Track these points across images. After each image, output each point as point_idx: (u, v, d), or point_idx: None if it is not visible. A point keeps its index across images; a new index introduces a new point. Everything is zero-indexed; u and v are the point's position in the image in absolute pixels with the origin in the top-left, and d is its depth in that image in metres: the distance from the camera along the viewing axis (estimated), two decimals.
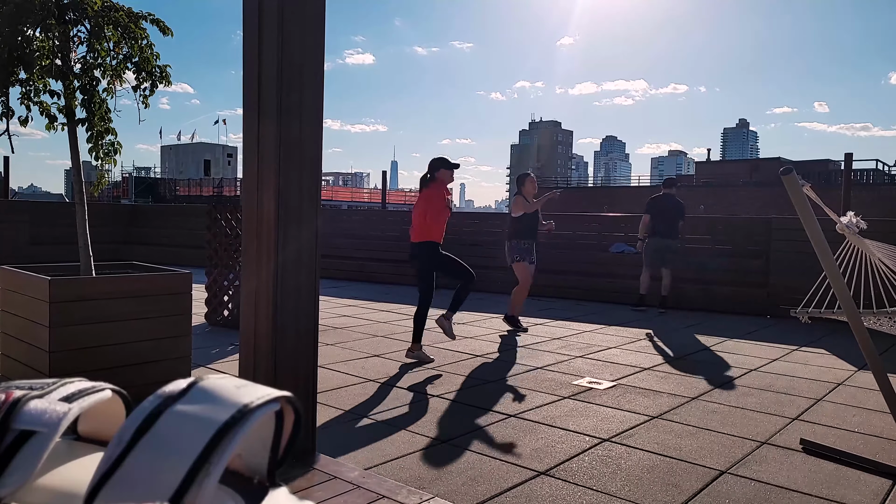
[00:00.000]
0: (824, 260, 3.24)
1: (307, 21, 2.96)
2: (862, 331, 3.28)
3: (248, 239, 3.03)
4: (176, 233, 13.54)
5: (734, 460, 3.24)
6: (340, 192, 51.77)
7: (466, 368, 5.08)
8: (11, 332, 3.89)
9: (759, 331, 7.15)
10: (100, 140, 4.18)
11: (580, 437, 3.53)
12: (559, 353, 5.74)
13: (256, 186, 2.96)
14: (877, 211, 11.06)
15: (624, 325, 7.33)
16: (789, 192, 3.22)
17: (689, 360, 5.56)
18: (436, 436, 3.51)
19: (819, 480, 3.01)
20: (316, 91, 3.02)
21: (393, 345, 5.90)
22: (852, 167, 11.88)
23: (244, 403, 0.32)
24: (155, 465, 0.30)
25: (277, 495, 0.36)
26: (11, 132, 4.14)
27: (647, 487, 2.90)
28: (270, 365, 2.95)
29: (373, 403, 4.10)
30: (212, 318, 6.69)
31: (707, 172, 47.87)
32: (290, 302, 2.98)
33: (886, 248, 3.66)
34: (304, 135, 2.98)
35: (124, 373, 3.57)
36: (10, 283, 3.91)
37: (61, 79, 4.04)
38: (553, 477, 2.99)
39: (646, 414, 3.99)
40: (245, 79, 2.99)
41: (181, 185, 47.63)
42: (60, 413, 0.34)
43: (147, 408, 0.32)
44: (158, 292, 3.86)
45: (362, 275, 11.50)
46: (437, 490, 2.78)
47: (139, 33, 4.11)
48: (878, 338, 3.67)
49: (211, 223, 6.80)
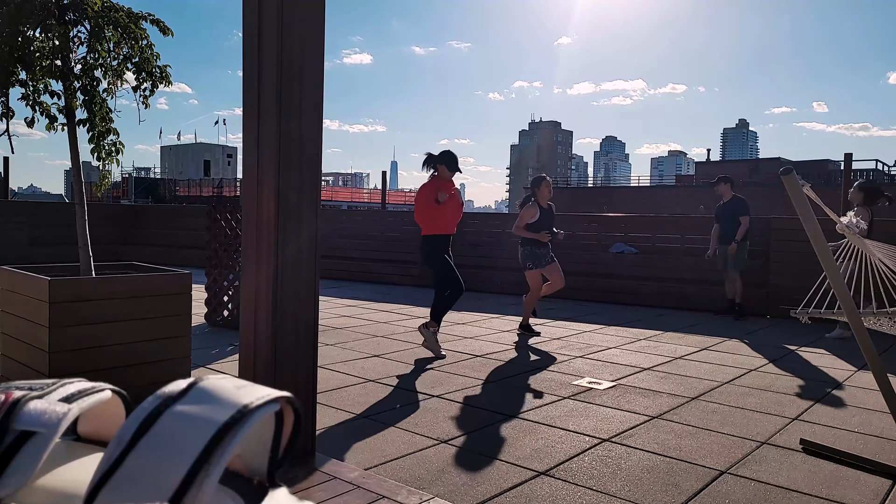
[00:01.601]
0: (824, 260, 3.24)
1: (307, 21, 2.96)
2: (862, 331, 3.28)
3: (247, 239, 3.03)
4: (176, 233, 13.55)
5: (734, 460, 3.24)
6: (340, 192, 51.80)
7: (466, 369, 5.08)
8: (11, 332, 3.89)
9: (759, 331, 7.15)
10: (101, 140, 4.18)
11: (580, 438, 3.53)
12: (559, 354, 5.74)
13: (256, 187, 2.96)
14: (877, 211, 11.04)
15: (624, 326, 7.33)
16: (789, 192, 3.22)
17: (689, 361, 5.56)
18: (436, 436, 3.51)
19: (819, 480, 3.01)
20: (316, 91, 3.02)
21: (393, 345, 5.90)
22: (852, 167, 11.88)
23: (244, 404, 0.32)
24: (155, 466, 0.30)
25: (277, 496, 0.36)
26: (11, 132, 4.14)
27: (647, 487, 2.90)
28: (270, 365, 2.95)
29: (373, 404, 4.10)
30: (211, 319, 6.69)
31: (707, 173, 47.88)
32: (289, 302, 2.98)
33: (886, 249, 3.66)
34: (304, 135, 2.99)
35: (124, 373, 3.57)
36: (10, 283, 3.91)
37: (61, 79, 4.04)
38: (553, 477, 2.99)
39: (646, 414, 3.99)
40: (245, 79, 2.99)
41: (181, 186, 47.65)
42: (60, 413, 0.34)
43: (147, 408, 0.32)
44: (158, 293, 3.85)
45: (362, 275, 11.50)
46: (436, 490, 2.78)
47: (139, 34, 4.11)
48: (878, 338, 3.67)
49: (211, 223, 6.81)
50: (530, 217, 6.39)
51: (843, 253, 3.70)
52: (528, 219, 6.39)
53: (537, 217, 6.37)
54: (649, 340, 6.47)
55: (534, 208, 6.42)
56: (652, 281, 9.24)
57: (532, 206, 6.44)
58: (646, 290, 9.18)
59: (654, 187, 51.72)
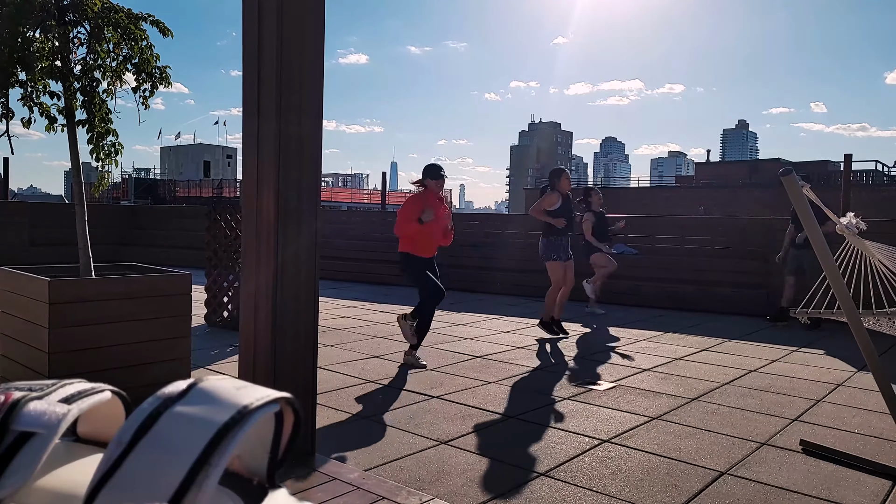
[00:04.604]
0: (824, 261, 3.24)
1: (307, 21, 2.96)
2: (861, 331, 3.28)
3: (247, 240, 3.03)
4: (175, 234, 13.54)
5: (734, 461, 3.24)
6: (340, 192, 51.76)
7: (466, 370, 5.07)
8: (11, 333, 3.89)
9: (759, 332, 7.15)
10: (101, 141, 4.18)
11: (580, 438, 3.53)
12: (559, 354, 5.73)
13: (256, 187, 2.96)
14: (876, 212, 11.07)
15: (624, 326, 7.33)
16: (789, 193, 3.22)
17: (689, 361, 5.56)
18: (435, 437, 3.51)
19: (819, 481, 3.01)
20: (315, 91, 3.02)
21: (393, 346, 5.90)
22: (851, 168, 11.88)
23: (244, 405, 0.32)
24: (154, 467, 0.30)
25: (277, 496, 0.36)
26: (10, 133, 4.14)
27: (647, 488, 2.90)
28: (270, 366, 2.95)
29: (372, 405, 4.10)
30: (211, 320, 6.69)
31: (707, 173, 47.89)
32: (289, 303, 2.98)
33: (886, 249, 3.66)
34: (304, 135, 2.99)
35: (124, 374, 3.56)
36: (10, 284, 3.91)
37: (61, 80, 4.04)
38: (553, 478, 2.99)
39: (645, 415, 3.99)
40: (245, 79, 2.99)
41: (180, 187, 47.64)
42: (60, 414, 0.34)
43: (146, 409, 0.32)
44: (158, 293, 3.85)
45: (362, 276, 11.49)
46: (436, 491, 2.78)
47: (139, 34, 4.11)
48: (878, 338, 3.67)
49: (210, 224, 6.81)
50: (551, 204, 6.39)
51: (843, 254, 3.70)
52: (548, 205, 6.39)
53: (558, 205, 6.37)
54: (649, 341, 6.47)
55: (555, 195, 6.42)
56: (652, 281, 9.24)
57: (554, 193, 6.43)
58: (646, 291, 9.17)
59: (654, 188, 51.73)
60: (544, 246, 6.49)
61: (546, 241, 6.46)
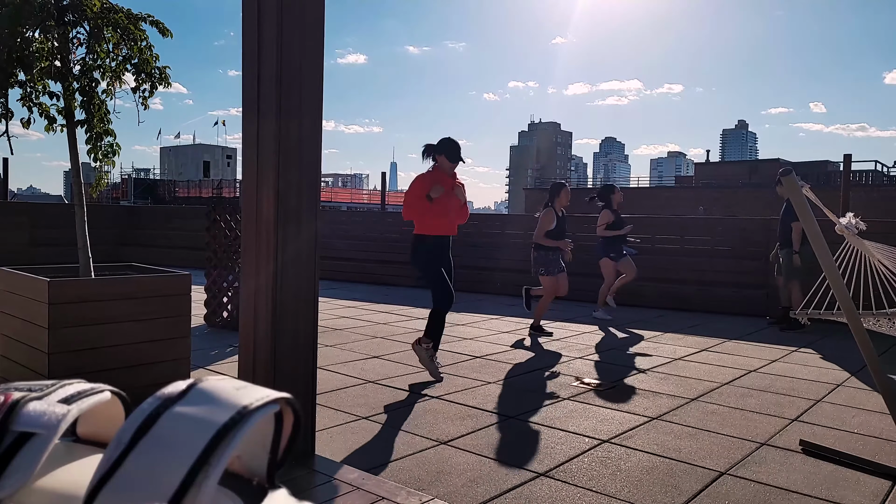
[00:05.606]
0: (824, 261, 3.24)
1: (306, 21, 2.96)
2: (861, 332, 3.28)
3: (247, 240, 3.03)
4: (175, 234, 13.53)
5: (733, 461, 3.24)
6: (340, 193, 51.77)
7: (466, 370, 5.07)
8: (10, 333, 3.88)
9: (758, 332, 7.15)
10: (99, 141, 4.18)
11: (579, 439, 3.53)
12: (559, 355, 5.74)
13: (256, 187, 2.96)
14: (876, 212, 11.07)
15: (623, 326, 7.33)
16: (789, 193, 3.22)
17: (689, 362, 5.56)
18: (435, 437, 3.51)
19: (818, 481, 3.01)
20: (315, 91, 3.02)
21: (392, 346, 5.90)
22: (851, 168, 11.89)
23: (243, 405, 0.32)
24: (154, 467, 0.30)
25: (277, 497, 0.36)
26: (10, 133, 4.14)
27: (647, 489, 2.90)
28: (270, 366, 2.95)
29: (372, 405, 4.10)
30: (211, 320, 6.69)
31: (706, 174, 47.89)
32: (289, 303, 2.98)
33: (886, 250, 3.66)
34: (304, 135, 2.99)
35: (123, 374, 3.57)
36: (9, 284, 3.91)
37: (60, 80, 4.04)
38: (552, 478, 2.99)
39: (645, 415, 3.99)
40: (244, 79, 2.99)
41: (180, 187, 47.65)
42: (59, 415, 0.34)
43: (146, 409, 0.32)
44: (157, 294, 3.85)
45: (362, 276, 11.50)
46: (436, 491, 2.78)
47: (139, 35, 4.11)
48: (878, 339, 3.67)
49: (210, 224, 6.80)
50: (549, 224, 6.49)
51: (843, 254, 3.70)
52: (547, 226, 6.49)
53: (554, 224, 6.48)
54: (649, 341, 6.47)
55: (551, 215, 6.53)
56: (652, 281, 9.23)
57: (549, 212, 6.53)
58: (646, 291, 9.17)
59: (653, 188, 51.72)
60: (535, 260, 6.61)
61: (537, 254, 6.57)
